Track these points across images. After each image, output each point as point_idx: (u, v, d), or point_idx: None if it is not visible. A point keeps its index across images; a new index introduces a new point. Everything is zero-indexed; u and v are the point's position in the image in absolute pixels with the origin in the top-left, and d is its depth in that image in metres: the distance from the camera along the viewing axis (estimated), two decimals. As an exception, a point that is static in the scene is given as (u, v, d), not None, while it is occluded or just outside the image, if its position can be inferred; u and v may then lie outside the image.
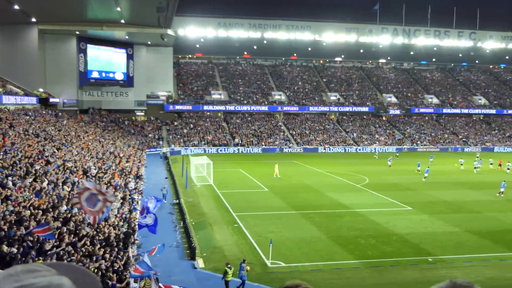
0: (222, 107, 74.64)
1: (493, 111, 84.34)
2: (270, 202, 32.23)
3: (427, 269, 19.65)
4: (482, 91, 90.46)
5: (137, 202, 27.81)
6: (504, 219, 28.05)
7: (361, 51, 78.87)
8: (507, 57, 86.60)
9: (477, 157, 61.75)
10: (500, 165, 52.01)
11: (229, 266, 17.55)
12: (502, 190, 35.22)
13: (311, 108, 77.69)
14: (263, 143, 68.85)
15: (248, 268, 17.81)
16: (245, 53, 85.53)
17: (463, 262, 20.47)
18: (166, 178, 41.54)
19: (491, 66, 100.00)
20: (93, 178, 27.32)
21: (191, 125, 71.11)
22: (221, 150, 65.75)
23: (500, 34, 73.26)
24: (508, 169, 49.09)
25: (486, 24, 73.09)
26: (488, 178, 44.50)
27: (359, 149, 70.19)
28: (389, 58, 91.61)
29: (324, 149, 68.56)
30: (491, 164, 52.69)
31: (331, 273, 19.09)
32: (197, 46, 75.10)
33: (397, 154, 63.23)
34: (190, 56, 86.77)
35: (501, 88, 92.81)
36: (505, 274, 19.21)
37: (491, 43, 72.70)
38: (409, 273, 19.14)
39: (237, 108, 74.82)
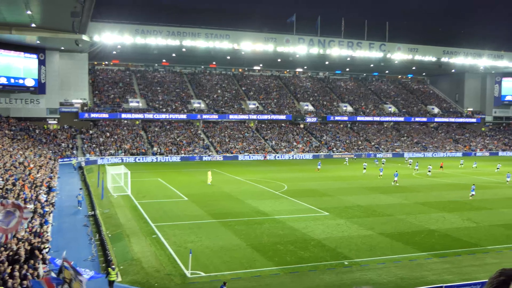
0: (140, 115, 73.10)
1: (401, 119, 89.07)
2: (190, 211, 31.90)
3: (343, 272, 20.27)
4: (392, 99, 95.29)
5: (49, 215, 26.48)
6: (414, 221, 29.59)
7: (279, 60, 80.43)
8: (413, 68, 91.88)
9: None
10: (441, 167, 58.56)
11: (113, 267, 18.29)
12: (472, 193, 37.95)
13: (230, 116, 78.05)
14: (183, 152, 68.18)
15: None
16: (164, 60, 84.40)
17: (376, 264, 21.32)
18: (80, 189, 39.92)
19: (399, 76, 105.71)
20: (0, 190, 25.66)
21: (108, 134, 68.98)
22: (139, 159, 64.33)
23: (407, 46, 77.56)
24: (432, 171, 51.89)
25: (394, 37, 77.18)
26: (398, 182, 46.73)
27: (278, 157, 71.40)
28: (305, 67, 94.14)
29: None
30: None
31: (251, 281, 19.18)
32: (114, 52, 73.05)
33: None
34: (106, 62, 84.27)
35: (409, 97, 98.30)
36: (415, 274, 20.23)
37: (400, 55, 76.76)
38: (327, 277, 19.65)
39: (156, 116, 73.60)
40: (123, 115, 71.87)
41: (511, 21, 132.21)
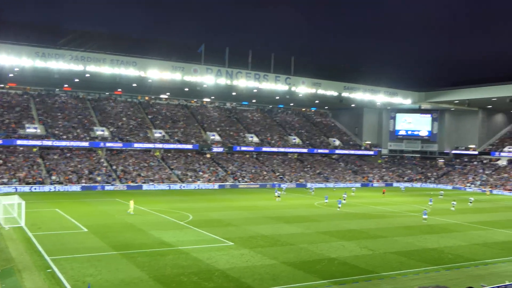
0: (38, 142, 69.30)
1: (305, 150, 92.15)
2: (89, 243, 30.47)
3: (247, 302, 20.24)
4: (296, 131, 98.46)
5: None
6: (315, 250, 30.40)
7: (186, 89, 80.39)
8: (317, 101, 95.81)
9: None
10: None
11: None
12: (425, 217, 43.94)
13: (135, 145, 76.34)
14: (84, 181, 65.38)
15: None
16: (66, 85, 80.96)
17: (279, 293, 21.54)
18: (-33, 220, 36.76)
19: (304, 109, 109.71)
20: None
21: (1, 161, 64.58)
22: (35, 189, 60.70)
23: (311, 80, 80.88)
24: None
25: (299, 71, 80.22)
26: (301, 212, 48.00)
27: (183, 186, 70.66)
28: (213, 97, 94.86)
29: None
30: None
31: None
32: (11, 75, 69.03)
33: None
34: (2, 85, 79.37)
35: (312, 129, 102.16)
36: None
37: (304, 88, 79.76)
38: (230, 308, 19.50)
39: (55, 143, 70.18)
40: (19, 142, 67.80)
41: (403, 62, 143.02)
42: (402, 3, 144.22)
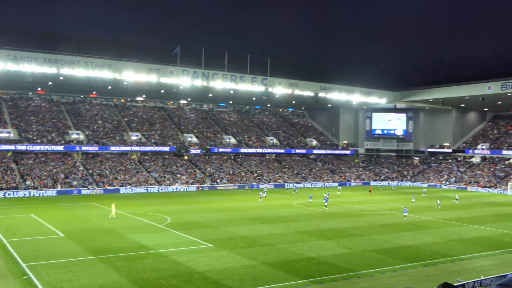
0: (11, 147, 68.02)
1: (283, 151, 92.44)
2: (66, 248, 30.03)
3: (227, 304, 20.20)
4: (273, 132, 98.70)
5: None
6: (294, 249, 30.52)
7: (163, 91, 79.92)
8: (293, 102, 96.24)
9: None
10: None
11: None
12: (405, 214, 44.88)
13: (112, 148, 75.56)
14: (59, 185, 64.44)
15: None
16: (39, 88, 79.68)
17: (259, 294, 21.56)
18: None
19: (280, 110, 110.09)
20: None
21: (-27, 167, 63.26)
22: (9, 194, 59.57)
23: (287, 81, 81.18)
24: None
25: (276, 72, 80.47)
26: (279, 212, 48.13)
27: (161, 189, 70.20)
28: (189, 99, 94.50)
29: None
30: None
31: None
32: (-18, 79, 67.70)
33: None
34: (-28, 89, 77.80)
35: (289, 130, 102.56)
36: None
37: (280, 89, 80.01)
38: (210, 310, 19.44)
39: (29, 147, 68.98)
40: (-8, 146, 66.50)
41: (378, 61, 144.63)
42: (377, 4, 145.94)
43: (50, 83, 71.70)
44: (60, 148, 71.35)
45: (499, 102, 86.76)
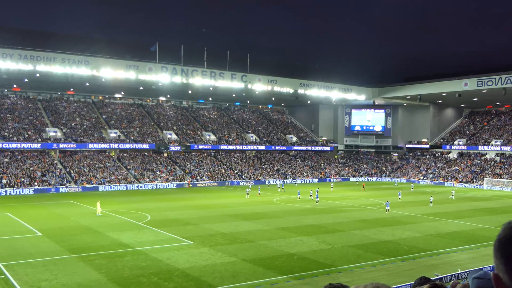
0: (-14, 145, 66.79)
1: (263, 147, 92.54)
2: (44, 247, 29.64)
3: (207, 301, 20.19)
4: (253, 129, 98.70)
5: None
6: (274, 246, 30.62)
7: (141, 88, 79.23)
8: (273, 99, 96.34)
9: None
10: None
11: None
12: (387, 208, 45.92)
13: (90, 145, 74.66)
14: (36, 183, 63.51)
15: None
16: (15, 85, 78.25)
17: (239, 290, 21.60)
18: None
19: (260, 106, 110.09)
20: None
21: None
22: (-15, 193, 58.55)
23: (267, 78, 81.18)
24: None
25: (255, 69, 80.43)
26: (259, 209, 48.22)
27: (141, 186, 69.71)
28: (168, 96, 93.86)
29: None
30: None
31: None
32: (-45, 75, 66.21)
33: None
34: None
35: (269, 126, 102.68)
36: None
37: (260, 86, 80.00)
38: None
39: (5, 146, 67.76)
40: (-34, 145, 65.19)
41: (357, 59, 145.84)
42: (355, 3, 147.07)
43: (26, 80, 70.51)
44: (37, 146, 70.23)
45: (475, 99, 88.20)
